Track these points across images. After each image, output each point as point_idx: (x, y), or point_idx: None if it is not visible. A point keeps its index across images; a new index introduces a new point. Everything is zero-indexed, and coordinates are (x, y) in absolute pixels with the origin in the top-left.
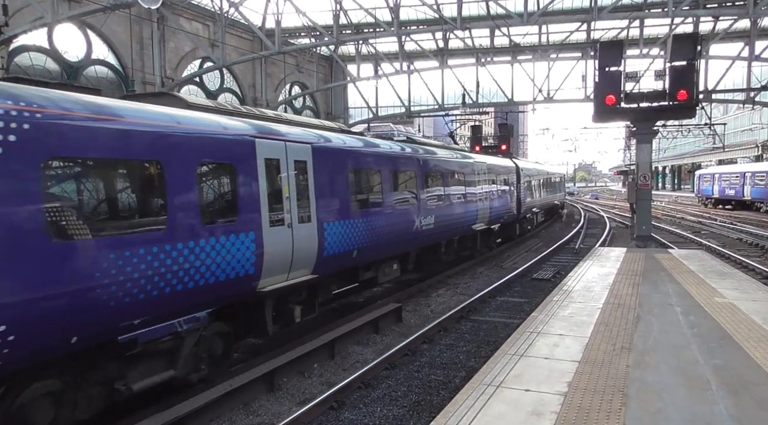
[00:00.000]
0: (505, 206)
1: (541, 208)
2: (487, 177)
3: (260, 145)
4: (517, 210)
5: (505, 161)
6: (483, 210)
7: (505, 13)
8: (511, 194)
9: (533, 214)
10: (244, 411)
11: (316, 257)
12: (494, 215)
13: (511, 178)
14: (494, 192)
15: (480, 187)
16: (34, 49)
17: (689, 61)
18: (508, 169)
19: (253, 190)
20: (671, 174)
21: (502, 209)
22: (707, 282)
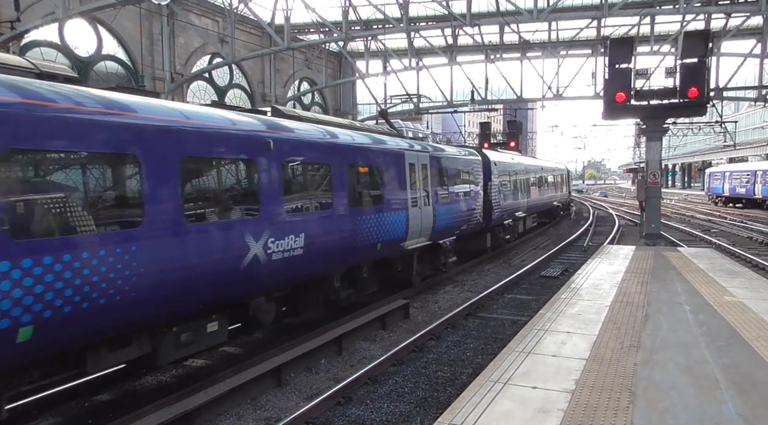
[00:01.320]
0: (462, 213)
1: (529, 212)
2: (429, 173)
3: (408, 155)
4: (486, 217)
5: (466, 153)
6: (419, 219)
7: (514, 10)
8: (475, 196)
9: (516, 220)
10: (252, 405)
11: (431, 228)
12: (443, 226)
13: (476, 175)
14: (445, 194)
15: (414, 188)
16: (45, 44)
17: (700, 59)
18: (469, 163)
19: (403, 183)
20: (681, 172)
21: (458, 217)
22: (717, 281)
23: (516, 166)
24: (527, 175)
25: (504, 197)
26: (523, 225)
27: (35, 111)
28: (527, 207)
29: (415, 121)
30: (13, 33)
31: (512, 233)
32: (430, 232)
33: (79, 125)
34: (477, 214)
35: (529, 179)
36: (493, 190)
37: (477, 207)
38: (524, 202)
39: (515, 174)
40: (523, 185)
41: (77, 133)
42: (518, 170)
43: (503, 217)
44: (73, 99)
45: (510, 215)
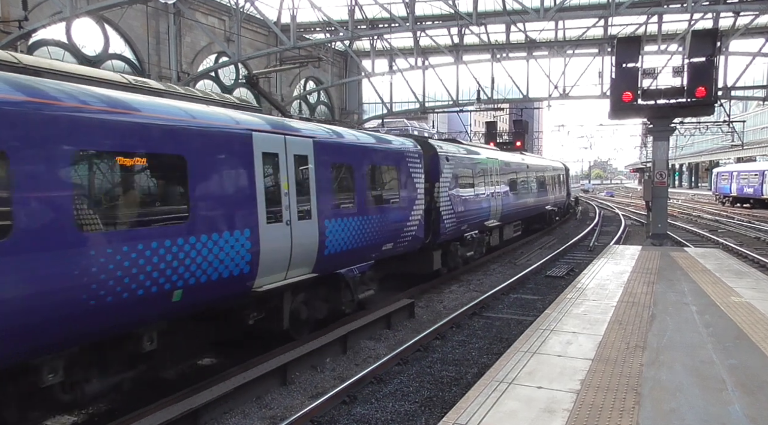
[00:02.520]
0: (384, 226)
1: (507, 220)
2: (312, 169)
3: (259, 140)
4: (432, 230)
5: (393, 144)
6: (283, 241)
7: (521, 9)
8: (408, 203)
9: (484, 231)
10: (257, 404)
11: (315, 253)
12: (343, 248)
13: (409, 173)
14: (345, 200)
15: (273, 192)
16: (52, 43)
17: (708, 58)
18: (397, 157)
19: (245, 187)
20: (688, 172)
21: (375, 232)
22: (724, 281)
23: (483, 163)
24: (504, 174)
25: (462, 202)
26: (499, 236)
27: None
28: (503, 214)
29: (421, 120)
30: (21, 32)
31: (478, 248)
32: (313, 259)
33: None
34: (412, 227)
35: (508, 178)
36: (443, 194)
37: (412, 218)
38: (497, 207)
39: (482, 173)
40: (496, 187)
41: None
42: (487, 168)
43: (461, 229)
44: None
45: (474, 225)
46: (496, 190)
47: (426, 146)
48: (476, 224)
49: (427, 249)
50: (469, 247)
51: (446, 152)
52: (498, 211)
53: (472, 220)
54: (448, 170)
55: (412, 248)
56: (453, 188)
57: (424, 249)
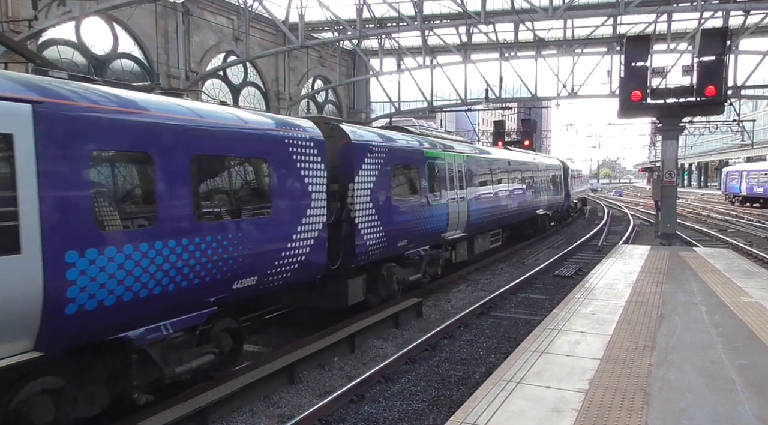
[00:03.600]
0: (242, 256)
1: (476, 229)
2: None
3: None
4: (346, 250)
5: (265, 124)
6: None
7: (529, 8)
8: (295, 215)
9: (438, 247)
10: (265, 402)
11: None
12: (143, 294)
13: (301, 171)
14: (150, 216)
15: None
16: (62, 42)
17: (718, 57)
18: (272, 145)
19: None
20: (697, 171)
21: (225, 265)
22: (733, 281)
23: (438, 157)
24: (474, 172)
25: (398, 210)
26: (468, 249)
27: None
28: (471, 223)
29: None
30: (30, 32)
31: (432, 267)
32: (34, 325)
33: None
34: (300, 248)
35: (480, 177)
36: (361, 199)
37: (300, 235)
38: (461, 214)
39: (436, 171)
40: (460, 189)
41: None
42: (444, 164)
43: (398, 245)
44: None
45: (421, 239)
46: (459, 192)
47: (334, 131)
48: (425, 237)
49: (337, 276)
50: (415, 268)
51: (367, 142)
52: (462, 219)
53: (417, 233)
54: (371, 166)
55: (301, 278)
56: (381, 190)
57: (332, 277)
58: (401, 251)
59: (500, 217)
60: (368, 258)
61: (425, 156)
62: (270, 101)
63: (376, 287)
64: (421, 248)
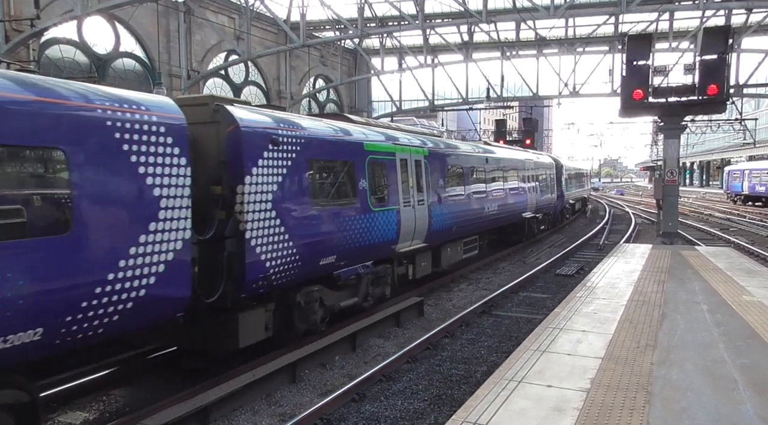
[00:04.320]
0: (20, 300)
1: (443, 238)
2: None
3: None
4: (231, 275)
5: (65, 95)
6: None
7: (531, 6)
8: (127, 233)
9: (394, 259)
10: (267, 401)
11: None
12: None
13: (139, 168)
14: None
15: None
16: (64, 41)
17: (720, 55)
18: (86, 128)
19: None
20: (699, 170)
21: None
22: (735, 280)
23: (382, 150)
24: (437, 169)
25: (314, 222)
26: (432, 261)
27: None
28: (434, 231)
29: (431, 118)
30: (32, 31)
31: (378, 287)
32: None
33: None
34: (142, 278)
35: (445, 176)
36: (256, 208)
37: (138, 261)
38: (419, 221)
39: (379, 168)
40: (417, 189)
41: None
42: (394, 161)
43: (320, 264)
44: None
45: (359, 255)
46: (418, 195)
47: (218, 115)
48: (365, 251)
49: (222, 311)
50: (351, 290)
51: (268, 129)
52: (421, 227)
53: (352, 247)
54: (275, 161)
55: (143, 322)
56: (292, 194)
57: (214, 311)
58: (327, 270)
59: (476, 222)
60: (271, 283)
61: (366, 150)
62: (271, 100)
63: (291, 321)
64: (360, 266)
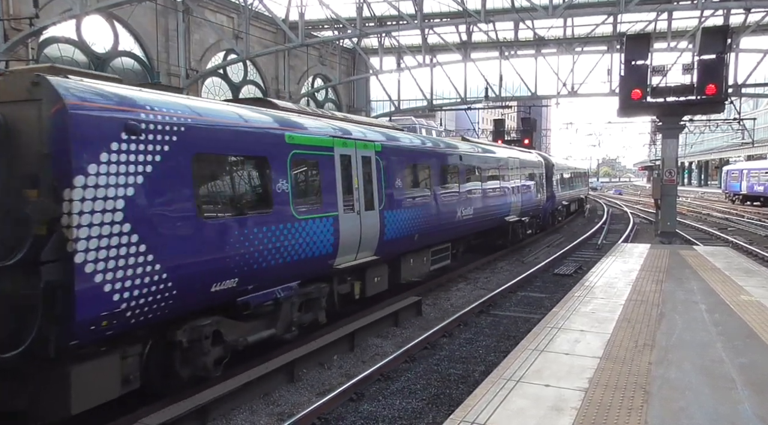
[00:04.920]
0: None
1: (401, 248)
2: None
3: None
4: (46, 320)
5: None
6: None
7: (529, 6)
8: None
9: (333, 277)
10: (264, 401)
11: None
12: None
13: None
14: None
15: None
16: (62, 40)
17: (719, 55)
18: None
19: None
20: (698, 170)
21: None
22: (733, 280)
23: (314, 143)
24: (394, 167)
25: (199, 235)
26: (388, 275)
27: None
28: (389, 239)
29: (429, 118)
30: (31, 30)
31: (306, 314)
32: None
33: None
34: None
35: (403, 175)
36: (97, 219)
37: None
38: (366, 231)
39: (316, 165)
40: (362, 192)
41: None
42: (332, 158)
43: (199, 295)
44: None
45: (272, 274)
46: (364, 198)
47: (37, 90)
48: (287, 269)
49: (43, 366)
50: (264, 320)
51: (114, 108)
52: (370, 237)
53: (264, 266)
54: (130, 156)
55: None
56: (162, 200)
57: (38, 366)
58: (225, 297)
59: (446, 229)
60: (126, 322)
61: (288, 143)
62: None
63: (173, 366)
64: (280, 288)
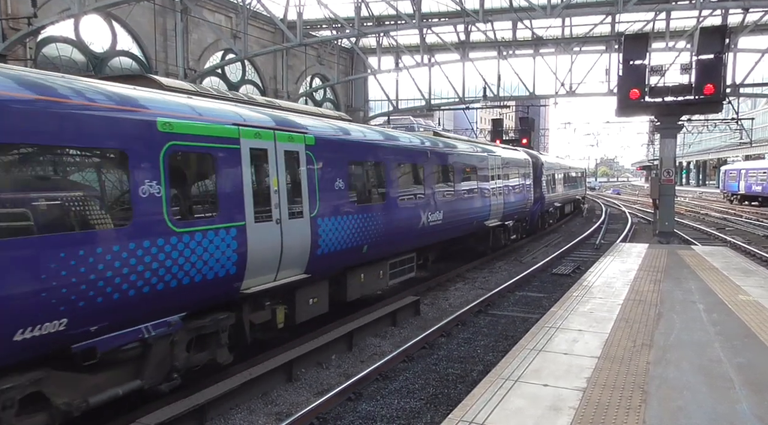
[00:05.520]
0: None
1: (340, 262)
2: None
3: None
4: None
5: None
6: None
7: (528, 6)
8: None
9: (227, 311)
10: (263, 400)
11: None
12: None
13: None
14: None
15: None
16: (61, 40)
17: (717, 55)
18: None
19: None
20: (696, 170)
21: None
22: (731, 279)
23: (175, 129)
24: (330, 165)
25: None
26: (328, 295)
27: None
28: (315, 256)
29: (427, 117)
30: (29, 29)
31: (203, 352)
32: None
33: None
34: None
35: (349, 177)
36: None
37: None
38: (288, 244)
39: (209, 163)
40: (292, 197)
41: None
42: (218, 148)
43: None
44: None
45: (135, 308)
46: (288, 203)
47: None
48: (159, 303)
49: None
50: (125, 369)
51: None
52: (296, 251)
53: (116, 301)
54: None
55: None
56: None
57: None
58: (45, 346)
59: (408, 236)
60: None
61: (162, 132)
62: (267, 96)
63: None
64: (149, 325)
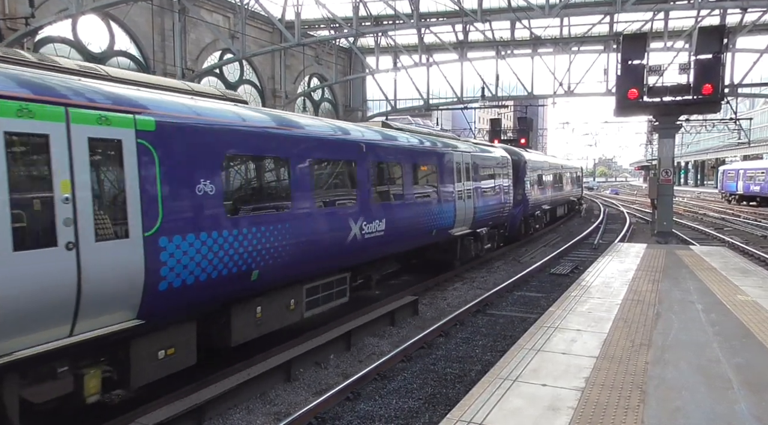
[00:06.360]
0: None
1: (221, 299)
2: None
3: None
4: None
5: None
6: None
7: (526, 6)
8: None
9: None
10: (261, 400)
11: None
12: None
13: None
14: None
15: None
16: (58, 40)
17: (715, 55)
18: None
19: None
20: (694, 170)
21: None
22: (730, 280)
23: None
24: (193, 167)
25: None
26: (193, 338)
27: None
28: (154, 295)
29: (425, 117)
30: (27, 29)
31: None
32: None
33: None
34: None
35: (243, 180)
36: None
37: None
38: (107, 280)
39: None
40: (144, 208)
41: None
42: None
43: None
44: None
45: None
46: (104, 218)
47: None
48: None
49: None
50: None
51: None
52: (111, 290)
53: None
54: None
55: None
56: None
57: None
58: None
59: (332, 253)
60: None
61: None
62: (266, 99)
63: None
64: None
